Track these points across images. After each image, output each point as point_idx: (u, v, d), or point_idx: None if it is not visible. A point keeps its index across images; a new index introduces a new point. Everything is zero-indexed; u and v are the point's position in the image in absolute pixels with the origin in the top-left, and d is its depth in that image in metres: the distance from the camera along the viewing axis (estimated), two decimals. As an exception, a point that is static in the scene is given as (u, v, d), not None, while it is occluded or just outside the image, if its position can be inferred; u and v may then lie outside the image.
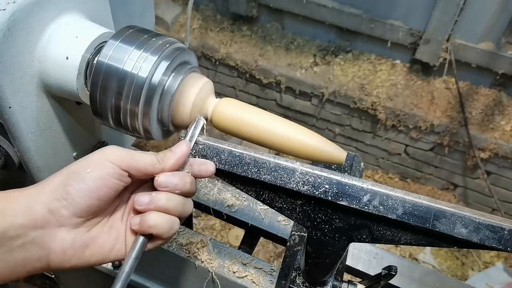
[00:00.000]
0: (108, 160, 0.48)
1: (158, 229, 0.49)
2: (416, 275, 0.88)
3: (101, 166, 0.47)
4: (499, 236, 0.48)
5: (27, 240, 0.45)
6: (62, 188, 0.46)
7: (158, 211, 0.49)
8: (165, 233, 0.50)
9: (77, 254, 0.48)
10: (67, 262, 0.48)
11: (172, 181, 0.50)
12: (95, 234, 0.49)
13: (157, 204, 0.49)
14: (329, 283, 0.67)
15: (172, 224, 0.50)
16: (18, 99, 0.61)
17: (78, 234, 0.48)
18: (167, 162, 0.51)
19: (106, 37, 0.64)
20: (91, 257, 0.49)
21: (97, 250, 0.49)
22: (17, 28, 0.56)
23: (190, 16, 1.49)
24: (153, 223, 0.48)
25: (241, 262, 0.81)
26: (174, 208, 0.50)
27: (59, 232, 0.47)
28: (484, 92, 2.44)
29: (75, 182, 0.46)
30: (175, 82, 0.58)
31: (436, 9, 2.22)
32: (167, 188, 0.50)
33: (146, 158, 0.50)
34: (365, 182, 0.51)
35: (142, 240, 0.49)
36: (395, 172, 2.87)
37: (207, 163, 0.53)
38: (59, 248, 0.47)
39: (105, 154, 0.48)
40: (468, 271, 2.49)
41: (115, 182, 0.48)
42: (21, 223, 0.45)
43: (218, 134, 2.50)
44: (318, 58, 2.65)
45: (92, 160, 0.48)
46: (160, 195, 0.49)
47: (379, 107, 2.49)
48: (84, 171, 0.47)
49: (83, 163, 0.48)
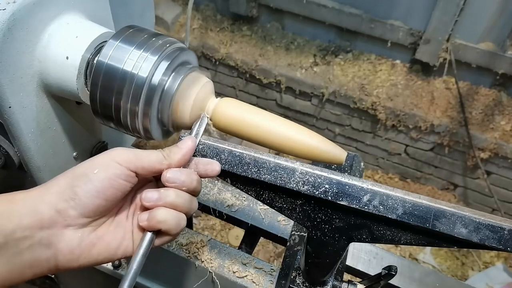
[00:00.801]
0: (115, 161, 0.48)
1: (167, 225, 0.49)
2: (416, 275, 0.88)
3: (108, 167, 0.48)
4: (499, 236, 0.48)
5: (34, 241, 0.45)
6: (69, 189, 0.47)
7: (167, 207, 0.50)
8: (173, 229, 0.50)
9: (84, 253, 0.49)
10: (75, 261, 0.48)
11: (180, 177, 0.50)
12: (101, 233, 0.50)
13: (166, 200, 0.49)
14: (329, 283, 0.67)
15: (180, 220, 0.51)
16: (18, 99, 0.61)
17: (84, 234, 0.48)
18: (173, 158, 0.51)
19: (106, 37, 0.64)
20: (98, 255, 0.50)
21: (104, 249, 0.50)
22: (17, 28, 0.56)
23: (190, 16, 1.49)
24: (162, 219, 0.49)
25: (241, 262, 0.81)
26: (182, 204, 0.50)
27: (66, 232, 0.47)
28: (484, 92, 2.44)
29: (82, 183, 0.47)
30: (175, 82, 0.58)
31: (436, 9, 2.22)
32: (174, 184, 0.50)
33: (152, 156, 0.50)
34: (365, 182, 0.51)
35: (150, 236, 0.50)
36: (395, 172, 2.87)
37: (212, 163, 0.54)
38: (67, 248, 0.47)
39: (111, 156, 0.49)
40: (468, 271, 2.49)
41: (122, 183, 0.49)
42: (28, 224, 0.45)
43: (218, 134, 2.51)
44: (318, 58, 2.65)
45: (98, 161, 0.49)
46: (169, 191, 0.50)
47: (379, 107, 2.49)
48: (91, 172, 0.47)
49: (89, 165, 0.49)
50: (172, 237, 0.52)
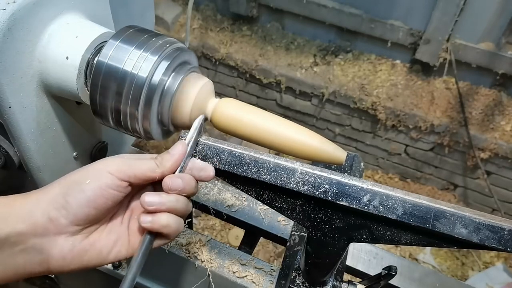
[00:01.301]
0: (107, 171, 0.49)
1: (169, 229, 0.50)
2: (416, 275, 0.88)
3: (100, 176, 0.48)
4: (499, 236, 0.48)
5: (27, 246, 0.47)
6: (61, 197, 0.48)
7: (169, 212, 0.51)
8: (174, 232, 0.51)
9: (75, 259, 0.49)
10: (67, 266, 0.49)
11: (180, 185, 0.51)
12: (93, 240, 0.51)
13: (168, 205, 0.50)
14: (329, 283, 0.67)
15: (180, 224, 0.52)
16: (18, 99, 0.61)
17: (76, 241, 0.49)
18: (165, 165, 0.52)
19: (106, 37, 0.64)
20: (89, 261, 0.50)
21: (96, 255, 0.51)
22: (17, 28, 0.56)
23: (190, 16, 1.49)
24: (165, 223, 0.50)
25: (241, 262, 0.81)
26: (181, 209, 0.51)
27: (58, 239, 0.48)
28: (484, 92, 2.44)
29: (75, 192, 0.48)
30: (175, 82, 0.58)
31: (436, 9, 2.22)
32: (176, 191, 0.51)
33: (144, 165, 0.51)
34: (365, 182, 0.51)
35: (149, 239, 0.50)
36: (395, 172, 2.87)
37: (207, 168, 0.54)
38: (59, 254, 0.48)
39: (105, 165, 0.49)
40: (468, 271, 2.49)
41: (112, 193, 0.49)
42: (22, 230, 0.46)
43: (218, 134, 2.51)
44: (318, 58, 2.65)
45: (92, 170, 0.49)
46: (170, 197, 0.51)
47: (379, 107, 2.49)
48: (84, 181, 0.48)
49: (83, 173, 0.49)
50: (169, 240, 0.53)
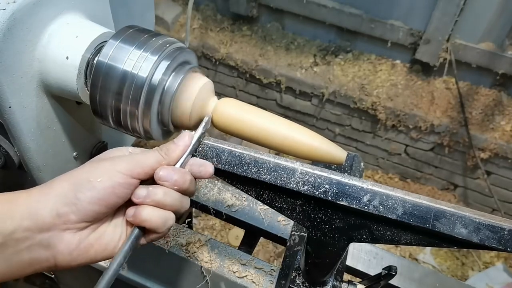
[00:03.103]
0: (117, 170, 0.49)
1: (151, 223, 0.50)
2: (416, 275, 0.88)
3: (112, 175, 0.48)
4: (499, 236, 0.48)
5: (33, 242, 0.46)
6: (72, 194, 0.47)
7: (154, 206, 0.50)
8: (159, 227, 0.50)
9: (82, 254, 0.49)
10: (73, 261, 0.49)
11: (173, 176, 0.51)
12: (99, 235, 0.51)
13: (153, 198, 0.49)
14: (329, 283, 0.67)
15: (166, 219, 0.51)
16: (18, 99, 0.61)
17: (83, 236, 0.49)
18: (171, 155, 0.52)
19: (106, 37, 0.64)
20: (96, 255, 0.50)
21: (102, 249, 0.51)
22: (17, 28, 0.56)
23: (190, 16, 1.50)
24: (146, 217, 0.49)
25: (241, 262, 0.81)
26: (170, 204, 0.51)
27: (65, 235, 0.48)
28: (484, 92, 2.44)
29: (86, 189, 0.47)
30: (175, 82, 0.58)
31: (436, 9, 2.22)
32: (166, 182, 0.50)
33: (151, 159, 0.51)
34: (365, 182, 0.51)
35: (137, 232, 0.50)
36: (395, 172, 2.87)
37: (206, 165, 0.54)
38: (66, 250, 0.48)
39: (114, 165, 0.49)
40: (468, 271, 2.49)
41: (124, 191, 0.49)
42: (28, 226, 0.46)
43: (218, 134, 2.50)
44: (318, 58, 2.65)
45: (102, 169, 0.49)
46: (157, 189, 0.50)
47: (379, 107, 2.49)
48: (95, 179, 0.48)
49: (93, 172, 0.49)
50: (160, 235, 0.52)
